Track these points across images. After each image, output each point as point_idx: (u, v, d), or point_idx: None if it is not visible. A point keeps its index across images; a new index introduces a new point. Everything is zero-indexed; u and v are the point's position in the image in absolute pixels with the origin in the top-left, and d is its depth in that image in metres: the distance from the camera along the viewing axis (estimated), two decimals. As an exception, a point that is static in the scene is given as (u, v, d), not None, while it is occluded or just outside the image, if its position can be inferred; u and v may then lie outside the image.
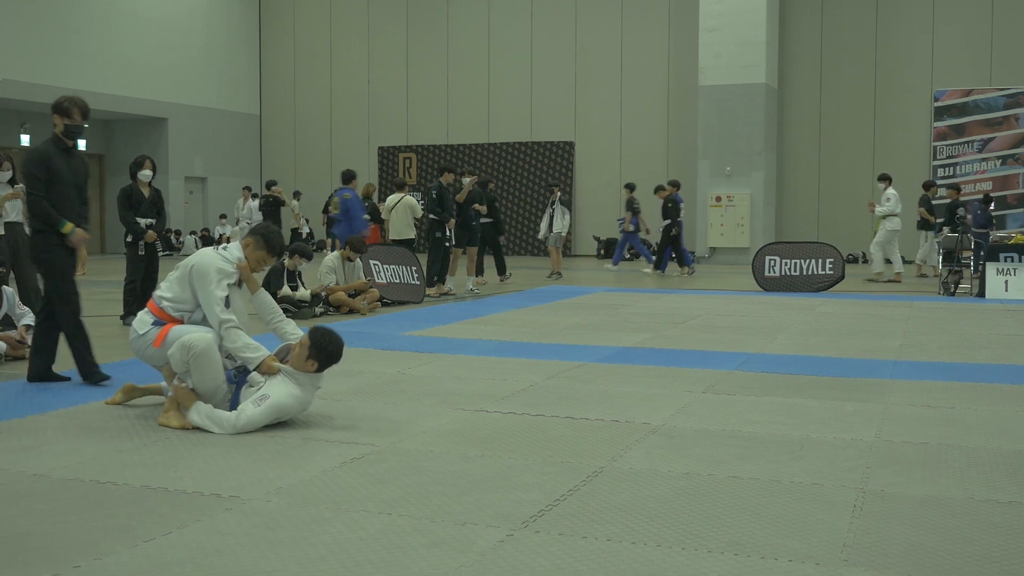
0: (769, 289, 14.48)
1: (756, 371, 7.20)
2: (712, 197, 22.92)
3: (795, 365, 7.50)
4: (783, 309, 11.83)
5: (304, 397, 5.31)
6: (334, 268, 11.66)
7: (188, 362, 5.23)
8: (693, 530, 3.59)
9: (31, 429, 5.25)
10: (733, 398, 6.20)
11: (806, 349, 8.42)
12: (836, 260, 14.65)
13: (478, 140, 27.03)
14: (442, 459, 4.62)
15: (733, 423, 5.43)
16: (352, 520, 3.69)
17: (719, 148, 22.82)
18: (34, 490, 4.09)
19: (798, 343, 8.82)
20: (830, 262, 14.62)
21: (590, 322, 10.43)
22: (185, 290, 5.53)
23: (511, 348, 8.40)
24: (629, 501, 3.94)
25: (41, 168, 6.35)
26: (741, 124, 22.47)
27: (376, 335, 9.14)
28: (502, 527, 3.61)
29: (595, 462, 4.55)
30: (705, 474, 4.36)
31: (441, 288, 13.85)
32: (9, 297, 8.07)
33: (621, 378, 6.91)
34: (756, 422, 5.46)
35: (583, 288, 15.17)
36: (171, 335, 5.37)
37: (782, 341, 8.94)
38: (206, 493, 4.03)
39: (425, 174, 26.95)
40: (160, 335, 5.41)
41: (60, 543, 3.42)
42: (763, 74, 22.39)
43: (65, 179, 6.43)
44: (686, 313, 11.35)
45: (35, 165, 6.35)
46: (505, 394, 6.28)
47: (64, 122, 6.43)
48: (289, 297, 10.79)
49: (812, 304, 12.45)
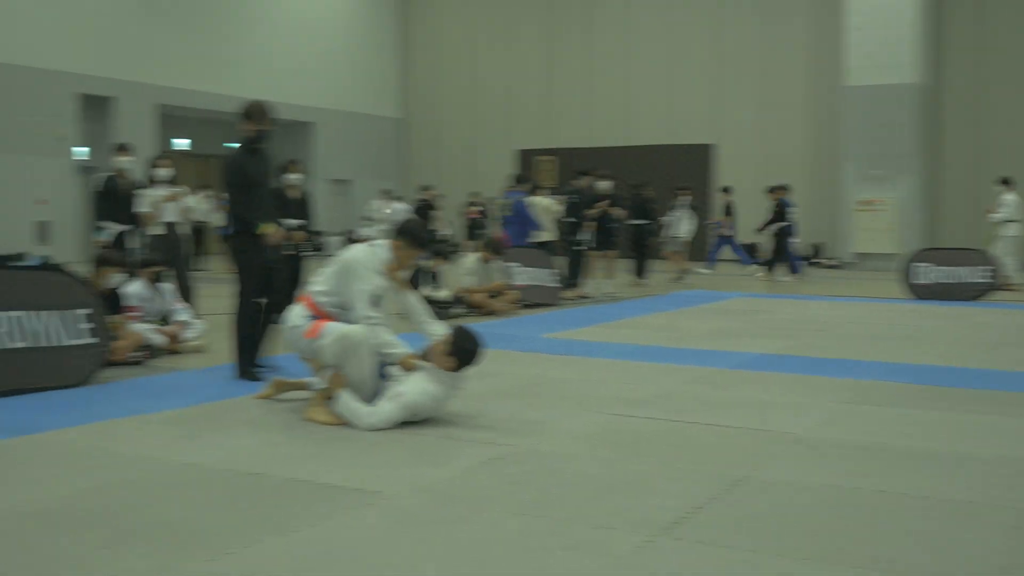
0: (920, 297, 13.93)
1: (905, 381, 6.94)
2: (858, 201, 22.22)
3: (948, 377, 7.18)
4: (935, 318, 11.37)
5: (440, 395, 5.36)
6: (473, 270, 11.79)
7: (342, 353, 5.34)
8: (838, 545, 3.49)
9: (186, 420, 5.49)
10: (881, 409, 5.99)
11: (960, 360, 8.06)
12: (992, 267, 14.01)
13: (617, 143, 26.92)
14: (580, 462, 4.61)
15: (881, 435, 5.25)
16: (489, 520, 3.72)
17: (865, 150, 22.09)
18: (189, 479, 4.27)
19: (951, 354, 8.45)
20: (986, 269, 13.98)
21: (730, 327, 10.25)
22: (338, 285, 5.63)
23: (649, 352, 8.33)
24: (771, 512, 3.86)
25: (237, 175, 6.68)
26: (889, 125, 21.68)
27: (515, 337, 9.20)
28: (640, 533, 3.58)
29: (736, 470, 4.47)
30: (850, 487, 4.23)
31: (578, 291, 13.84)
32: (167, 294, 8.44)
33: (762, 385, 6.76)
34: (905, 434, 5.26)
35: (722, 293, 14.93)
36: (325, 328, 5.50)
37: (934, 351, 8.59)
38: (350, 487, 4.13)
39: (565, 177, 26.99)
40: (314, 328, 5.54)
41: (213, 530, 3.56)
42: (913, 73, 21.57)
43: (257, 181, 6.73)
44: (830, 320, 11.04)
45: (232, 173, 6.70)
46: (643, 398, 6.23)
47: (253, 127, 6.69)
48: (429, 297, 10.97)
49: (966, 313, 11.93)
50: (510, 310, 11.70)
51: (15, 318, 6.30)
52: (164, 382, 6.78)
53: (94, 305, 6.81)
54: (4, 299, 6.28)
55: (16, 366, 6.22)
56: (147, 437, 5.06)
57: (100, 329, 6.75)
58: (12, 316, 6.29)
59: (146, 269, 8.25)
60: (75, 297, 6.70)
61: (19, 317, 6.33)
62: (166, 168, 10.19)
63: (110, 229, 9.45)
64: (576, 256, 13.77)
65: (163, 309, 8.36)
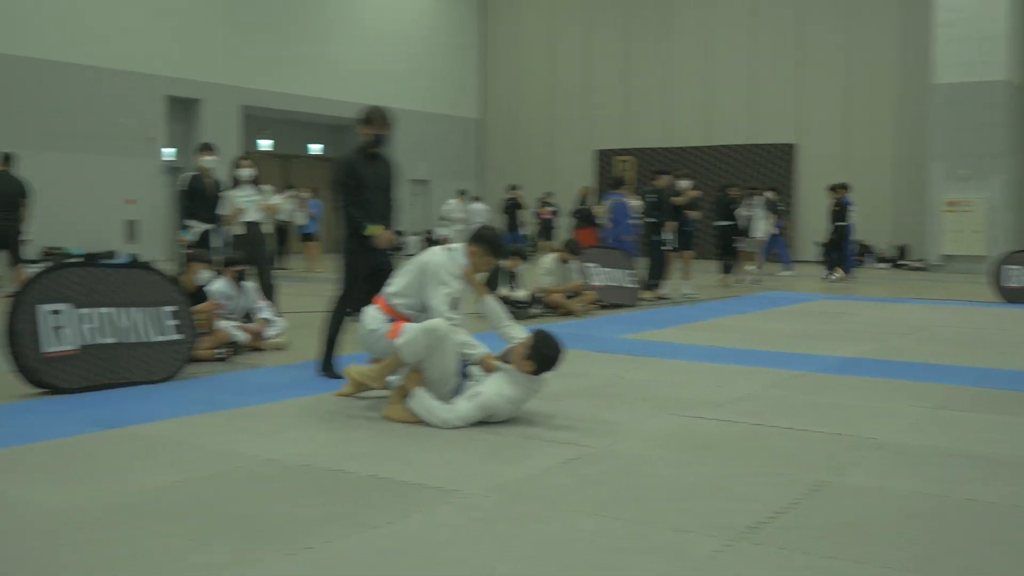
0: (1010, 301, 13.53)
1: (994, 387, 6.75)
2: (945, 202, 21.67)
3: (1038, 383, 6.97)
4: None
5: (517, 398, 5.36)
6: (551, 270, 11.79)
7: (426, 347, 5.34)
8: (923, 554, 3.40)
9: (268, 416, 5.58)
10: (969, 415, 5.83)
11: (1051, 366, 7.82)
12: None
13: (697, 143, 26.68)
14: (657, 464, 4.58)
15: (968, 442, 5.10)
16: (566, 520, 3.71)
17: (953, 150, 21.53)
18: (270, 473, 4.35)
19: (1042, 359, 8.20)
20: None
21: (810, 330, 10.09)
22: (414, 288, 5.69)
23: (728, 355, 8.23)
24: (853, 519, 3.78)
25: (346, 175, 6.75)
26: (978, 124, 21.09)
27: (593, 337, 9.17)
28: (718, 537, 3.54)
29: (817, 476, 4.39)
30: (937, 495, 4.12)
31: (657, 292, 13.75)
32: (249, 292, 8.60)
33: (844, 389, 6.64)
34: (995, 442, 5.11)
35: (802, 295, 14.70)
36: (407, 327, 5.51)
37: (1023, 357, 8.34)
38: (428, 485, 4.16)
39: (643, 177, 26.82)
40: (395, 328, 5.57)
41: (294, 525, 3.62)
42: (1004, 70, 20.94)
43: (370, 184, 6.77)
44: (914, 324, 10.79)
45: (342, 173, 6.79)
46: (722, 401, 6.16)
47: (371, 131, 6.76)
48: (507, 297, 10.99)
49: (1058, 317, 11.56)
50: (588, 311, 11.67)
51: (105, 314, 6.49)
52: (247, 378, 6.91)
53: (180, 302, 6.97)
54: (94, 296, 6.47)
55: (105, 362, 6.40)
56: (230, 432, 5.16)
57: (186, 326, 6.91)
58: (102, 312, 6.47)
59: (229, 268, 8.40)
60: (162, 294, 6.86)
61: (108, 313, 6.51)
62: (248, 168, 10.37)
63: (194, 228, 9.65)
64: (657, 257, 13.69)
65: (246, 307, 8.51)
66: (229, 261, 8.49)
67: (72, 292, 6.37)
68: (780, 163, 25.57)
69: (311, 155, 28.26)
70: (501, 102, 30.11)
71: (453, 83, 29.50)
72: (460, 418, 5.25)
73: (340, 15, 25.88)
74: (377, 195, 6.84)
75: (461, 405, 5.28)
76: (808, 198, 25.35)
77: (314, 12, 25.19)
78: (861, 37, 24.46)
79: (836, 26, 24.75)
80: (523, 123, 29.71)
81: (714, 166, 26.26)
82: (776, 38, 25.56)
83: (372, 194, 6.79)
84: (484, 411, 5.28)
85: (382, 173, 6.91)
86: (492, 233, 5.82)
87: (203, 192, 9.70)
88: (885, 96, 24.25)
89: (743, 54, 26.04)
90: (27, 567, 3.17)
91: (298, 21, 24.75)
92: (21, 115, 19.16)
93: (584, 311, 11.56)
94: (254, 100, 23.76)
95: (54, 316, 6.22)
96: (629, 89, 27.69)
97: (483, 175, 30.35)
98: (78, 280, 6.43)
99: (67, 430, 5.16)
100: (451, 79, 29.42)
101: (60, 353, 6.20)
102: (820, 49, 24.98)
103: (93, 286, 6.49)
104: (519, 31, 29.74)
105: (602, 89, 28.18)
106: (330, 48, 25.58)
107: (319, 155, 28.44)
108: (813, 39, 25.06)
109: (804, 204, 25.38)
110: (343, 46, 25.92)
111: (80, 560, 3.24)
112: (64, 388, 6.15)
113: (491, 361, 5.43)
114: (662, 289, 13.83)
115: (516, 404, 5.39)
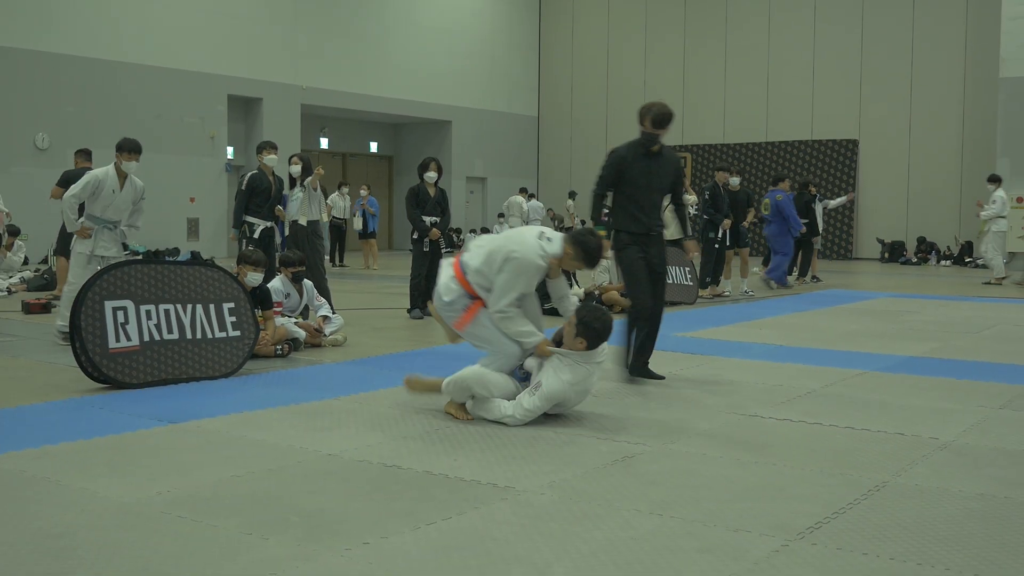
0: (1078, 299, 13.22)
1: (1062, 388, 6.59)
2: (1014, 198, 21.17)
3: (1109, 383, 6.79)
4: (1094, 321, 10.77)
5: (578, 381, 5.29)
6: (607, 267, 11.74)
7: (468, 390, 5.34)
8: (987, 556, 3.33)
9: (326, 412, 5.64)
10: (1035, 416, 5.71)
11: (1122, 366, 7.61)
12: None
13: (755, 139, 26.40)
14: (715, 463, 4.54)
15: (1034, 443, 5.00)
16: (623, 519, 3.70)
17: (1022, 145, 21.04)
18: (328, 469, 4.39)
19: (1112, 359, 7.99)
20: None
21: (872, 329, 9.93)
22: (491, 266, 5.48)
23: (787, 353, 8.14)
24: (914, 519, 3.72)
25: (611, 169, 6.72)
26: (1048, 119, 20.60)
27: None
28: (777, 537, 3.50)
29: (877, 476, 4.32)
30: (1002, 496, 4.04)
31: (715, 289, 13.64)
32: (308, 290, 8.69)
33: (906, 389, 6.53)
34: (1062, 443, 4.99)
35: (864, 293, 14.48)
36: (481, 315, 5.50)
37: (1093, 356, 8.13)
38: (483, 482, 4.17)
39: (700, 174, 26.63)
40: (466, 316, 5.53)
41: (351, 520, 3.65)
42: (1075, 63, 20.44)
43: (638, 182, 6.65)
44: (979, 322, 10.58)
45: (606, 166, 6.76)
46: (781, 400, 6.09)
47: (648, 129, 6.62)
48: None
49: None
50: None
51: (167, 311, 6.60)
52: (306, 375, 6.98)
53: (241, 299, 7.07)
54: (157, 293, 6.59)
55: (167, 358, 6.51)
56: (289, 428, 5.22)
57: (247, 323, 7.01)
58: (165, 309, 6.58)
59: (287, 265, 8.50)
60: (223, 291, 6.97)
61: (170, 310, 6.62)
62: (296, 165, 10.51)
63: (253, 226, 9.77)
64: (713, 254, 13.57)
65: (304, 304, 8.60)
66: (286, 259, 8.58)
67: (136, 289, 6.49)
68: (843, 159, 25.20)
69: (370, 153, 28.49)
70: (557, 99, 30.08)
71: (510, 81, 29.53)
72: (525, 411, 5.25)
73: (399, 15, 26.05)
74: (649, 194, 6.66)
75: (525, 400, 5.27)
76: (870, 195, 24.98)
77: (374, 12, 25.39)
78: (926, 30, 24.02)
79: (901, 19, 24.32)
80: (579, 120, 29.65)
81: (773, 163, 25.97)
82: (839, 31, 25.18)
83: (640, 192, 6.64)
84: (548, 400, 5.26)
85: (658, 172, 6.69)
86: (595, 243, 5.51)
87: (264, 190, 9.82)
88: (951, 90, 23.79)
89: (804, 49, 25.71)
90: (91, 560, 3.24)
91: (358, 21, 24.97)
92: (92, 114, 19.60)
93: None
94: (313, 99, 24.01)
95: (119, 312, 6.35)
96: (686, 85, 27.49)
97: (539, 172, 30.35)
98: (142, 277, 6.55)
99: (130, 425, 5.26)
100: (508, 77, 29.45)
101: (124, 349, 6.32)
102: (884, 43, 24.57)
103: (156, 283, 6.61)
104: (576, 29, 29.67)
105: (659, 85, 27.99)
106: (389, 47, 25.76)
107: (376, 153, 28.65)
108: (877, 32, 24.66)
109: (866, 201, 25.00)
110: (401, 45, 26.09)
111: (142, 553, 3.30)
112: (127, 383, 6.27)
113: (545, 347, 5.40)
114: (720, 287, 13.71)
115: (580, 386, 5.32)
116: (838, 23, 25.18)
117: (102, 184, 8.28)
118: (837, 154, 25.26)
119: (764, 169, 25.82)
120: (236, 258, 8.03)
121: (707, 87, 27.21)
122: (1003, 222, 16.62)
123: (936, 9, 23.87)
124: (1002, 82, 21.26)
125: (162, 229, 20.78)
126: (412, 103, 26.35)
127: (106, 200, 8.30)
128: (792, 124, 25.94)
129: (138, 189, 8.56)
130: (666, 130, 6.62)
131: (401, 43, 26.09)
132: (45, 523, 3.59)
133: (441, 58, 27.16)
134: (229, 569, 3.15)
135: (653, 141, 6.64)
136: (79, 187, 8.25)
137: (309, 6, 23.79)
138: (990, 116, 22.51)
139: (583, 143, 29.54)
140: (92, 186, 8.24)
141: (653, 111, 6.60)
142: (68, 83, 19.45)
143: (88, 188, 8.24)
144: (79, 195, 8.26)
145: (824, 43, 25.41)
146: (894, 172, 24.60)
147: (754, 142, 26.30)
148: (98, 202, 8.29)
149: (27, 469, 4.33)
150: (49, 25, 19.16)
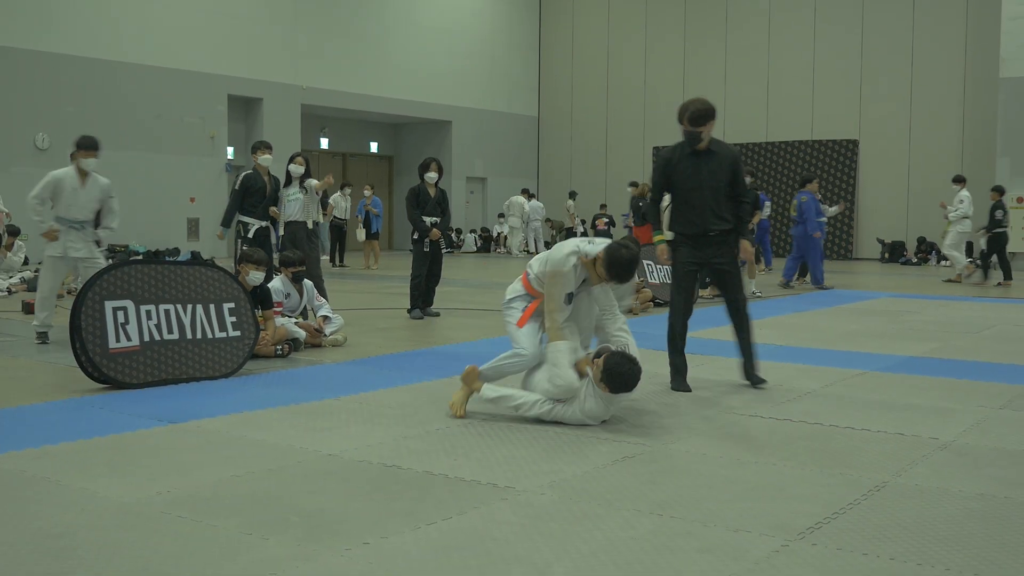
0: (1078, 299, 13.22)
1: (1062, 388, 6.59)
2: (1014, 198, 21.20)
3: (1109, 383, 6.79)
4: (1095, 321, 10.76)
5: (596, 416, 5.29)
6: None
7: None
8: (987, 556, 3.33)
9: (326, 412, 5.64)
10: (1035, 416, 5.70)
11: (1122, 366, 7.61)
12: None
13: (756, 139, 26.40)
14: (715, 463, 4.54)
15: (1035, 443, 4.99)
16: (623, 519, 3.70)
17: (1021, 145, 21.06)
18: (328, 469, 4.39)
19: (1113, 359, 7.99)
20: None
21: (872, 328, 9.93)
22: (543, 268, 5.51)
23: (788, 353, 8.14)
24: (914, 520, 3.72)
25: (658, 173, 6.65)
26: (1048, 119, 20.62)
27: (651, 336, 9.10)
28: (777, 537, 3.50)
29: (877, 476, 4.32)
30: (1002, 496, 4.04)
31: (715, 290, 13.63)
32: (309, 290, 8.69)
33: (906, 389, 6.53)
34: (1062, 443, 4.99)
35: (864, 293, 14.48)
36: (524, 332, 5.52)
37: (1093, 356, 8.13)
38: (483, 482, 4.17)
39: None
40: (523, 317, 5.57)
41: (351, 520, 3.65)
42: (1075, 64, 20.45)
43: (687, 183, 6.46)
44: (979, 323, 10.58)
45: (654, 170, 6.71)
46: (781, 400, 6.09)
47: (686, 128, 6.46)
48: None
49: None
50: (644, 308, 11.61)
51: (167, 311, 6.60)
52: (306, 375, 6.98)
53: (241, 299, 7.07)
54: (157, 293, 6.59)
55: (167, 357, 6.51)
56: (289, 428, 5.22)
57: (247, 323, 7.01)
58: (165, 309, 6.58)
59: (287, 265, 8.50)
60: (224, 291, 6.97)
61: (170, 310, 6.62)
62: (299, 165, 10.50)
63: (248, 225, 9.77)
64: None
65: (304, 305, 8.60)
66: (285, 260, 8.58)
67: (136, 289, 6.49)
68: (843, 159, 25.20)
69: (370, 154, 28.50)
70: (557, 100, 30.09)
71: (510, 81, 29.54)
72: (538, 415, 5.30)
73: (399, 15, 26.07)
74: (701, 194, 6.41)
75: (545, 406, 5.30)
76: (870, 195, 24.98)
77: (374, 12, 25.40)
78: (926, 30, 24.03)
79: (901, 19, 24.33)
80: (578, 121, 29.65)
81: (774, 163, 25.97)
82: (838, 32, 25.19)
83: (690, 192, 6.44)
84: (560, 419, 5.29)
85: (709, 170, 6.43)
86: (625, 255, 5.30)
87: (259, 190, 9.80)
88: (951, 91, 23.80)
89: (804, 49, 25.72)
90: (91, 560, 3.24)
91: (358, 21, 24.98)
92: (92, 114, 19.60)
93: (641, 309, 11.51)
94: (314, 99, 24.02)
95: (119, 312, 6.35)
96: (687, 85, 27.48)
97: (539, 172, 30.35)
98: (142, 277, 6.55)
99: (130, 425, 5.26)
100: (508, 77, 29.46)
101: (124, 349, 6.32)
102: (884, 43, 24.58)
103: (156, 283, 6.61)
104: (576, 30, 29.67)
105: (658, 85, 28.01)
106: (389, 47, 25.78)
107: (376, 153, 28.66)
108: (877, 32, 24.67)
109: (866, 201, 25.01)
110: (401, 45, 26.10)
111: (142, 553, 3.30)
112: (127, 383, 6.27)
113: (584, 366, 5.35)
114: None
115: (595, 418, 5.32)
116: (838, 23, 25.19)
117: (62, 183, 8.30)
118: (837, 154, 25.26)
119: (764, 169, 25.81)
120: (236, 258, 8.03)
121: (707, 87, 27.18)
122: (967, 222, 16.88)
123: (936, 9, 23.87)
124: (1002, 82, 21.28)
125: (162, 229, 20.79)
126: (412, 103, 26.36)
127: (68, 199, 8.32)
128: (792, 124, 25.94)
129: (103, 187, 8.53)
130: (707, 127, 6.38)
131: (401, 43, 26.09)
132: (45, 523, 3.59)
133: (441, 58, 27.16)
134: (229, 569, 3.15)
135: (695, 139, 6.44)
136: (39, 187, 8.30)
137: (309, 6, 23.79)
138: (990, 116, 22.52)
139: (583, 143, 29.55)
140: (52, 186, 8.27)
141: (690, 109, 6.41)
142: (68, 83, 19.47)
143: (48, 188, 8.27)
144: (39, 195, 8.29)
145: (824, 43, 25.42)
146: (894, 172, 24.61)
147: (754, 142, 26.30)
148: (61, 202, 8.32)
149: (27, 469, 4.33)
150: (49, 25, 19.17)
